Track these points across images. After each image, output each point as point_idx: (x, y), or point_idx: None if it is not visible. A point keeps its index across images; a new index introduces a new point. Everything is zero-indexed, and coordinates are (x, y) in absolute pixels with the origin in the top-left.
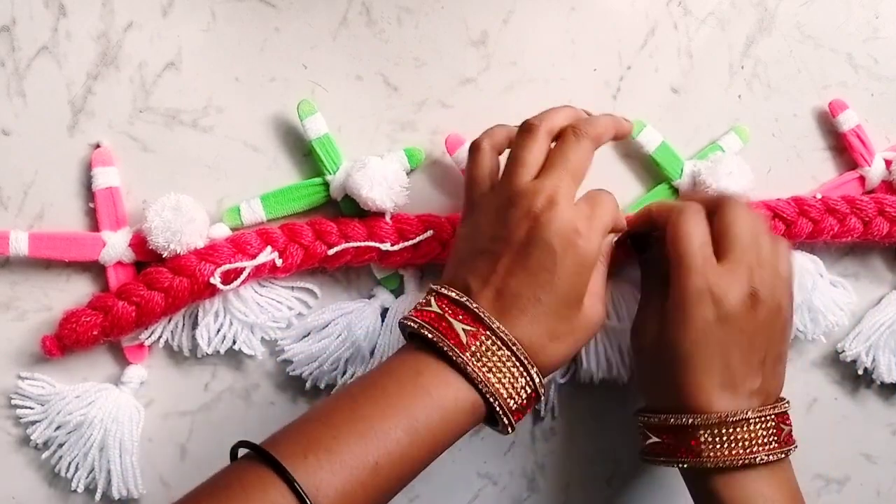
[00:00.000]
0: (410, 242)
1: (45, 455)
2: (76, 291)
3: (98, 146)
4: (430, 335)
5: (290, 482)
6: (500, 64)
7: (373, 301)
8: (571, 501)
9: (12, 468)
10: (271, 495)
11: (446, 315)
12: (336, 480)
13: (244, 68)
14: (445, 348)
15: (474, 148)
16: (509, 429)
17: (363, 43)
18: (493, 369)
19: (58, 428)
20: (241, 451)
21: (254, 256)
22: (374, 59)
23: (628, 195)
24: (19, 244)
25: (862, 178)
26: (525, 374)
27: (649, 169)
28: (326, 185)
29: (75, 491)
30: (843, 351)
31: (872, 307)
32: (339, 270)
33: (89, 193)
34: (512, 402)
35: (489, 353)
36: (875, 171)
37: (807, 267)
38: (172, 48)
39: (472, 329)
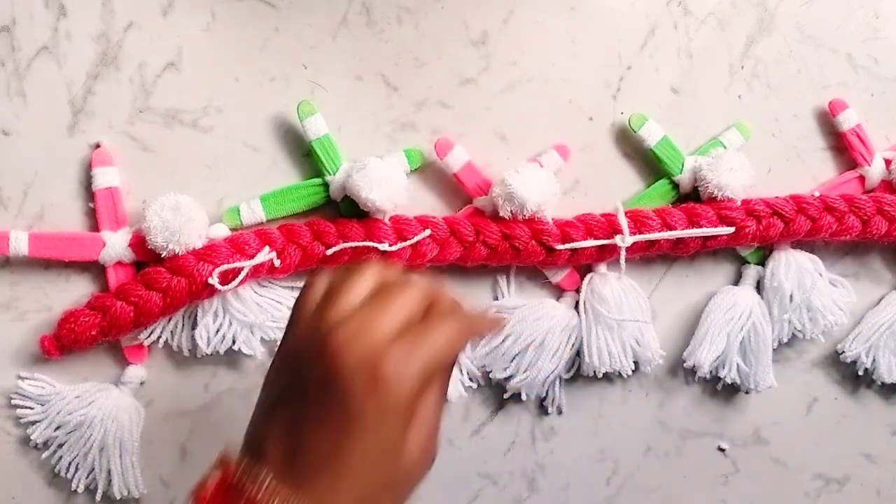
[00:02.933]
0: (408, 243)
1: (45, 455)
2: (76, 291)
3: (98, 146)
4: None
5: None
6: (500, 64)
7: None
8: (571, 501)
9: (12, 468)
10: None
11: (230, 487)
12: None
13: (244, 68)
14: None
15: (309, 276)
16: None
17: (363, 43)
18: None
19: (58, 428)
20: None
21: (252, 257)
22: (374, 59)
23: (628, 191)
24: (19, 244)
25: (862, 178)
26: None
27: (650, 164)
28: (326, 185)
29: (75, 491)
30: (844, 351)
31: (872, 307)
32: None
33: (89, 193)
34: None
35: None
36: (875, 171)
37: (806, 266)
38: (172, 48)
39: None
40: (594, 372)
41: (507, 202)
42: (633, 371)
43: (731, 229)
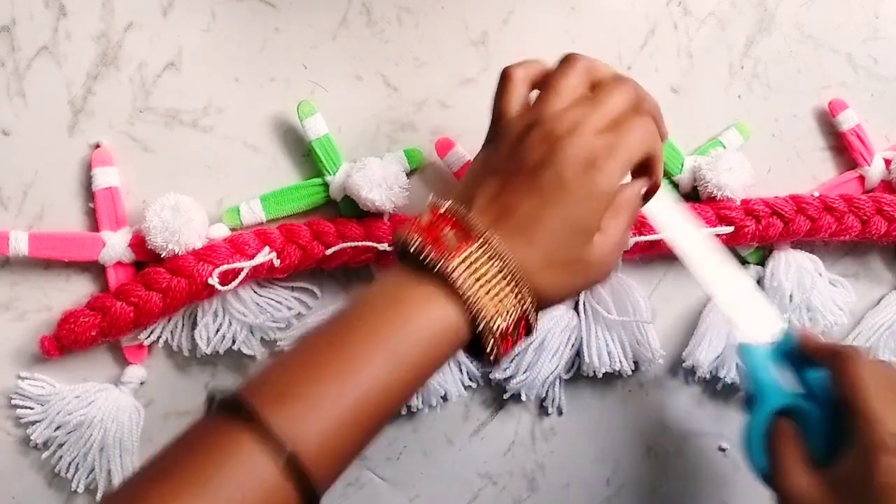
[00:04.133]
0: None
1: (45, 455)
2: (76, 291)
3: (98, 146)
4: (414, 244)
5: (265, 433)
6: (500, 64)
7: None
8: (571, 501)
9: (12, 468)
10: (246, 450)
11: (438, 225)
12: (315, 426)
13: (244, 68)
14: (431, 255)
15: (506, 76)
16: (493, 356)
17: (363, 43)
18: (481, 279)
19: (58, 428)
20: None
21: (251, 257)
22: (374, 59)
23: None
24: (19, 244)
25: (861, 178)
26: (517, 293)
27: None
28: (326, 185)
29: (75, 491)
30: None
31: (872, 307)
32: (339, 271)
33: (89, 193)
34: (500, 320)
35: (477, 264)
36: (874, 171)
37: (805, 266)
38: (172, 48)
39: (462, 235)
40: (594, 372)
41: None
42: (633, 371)
43: (731, 229)
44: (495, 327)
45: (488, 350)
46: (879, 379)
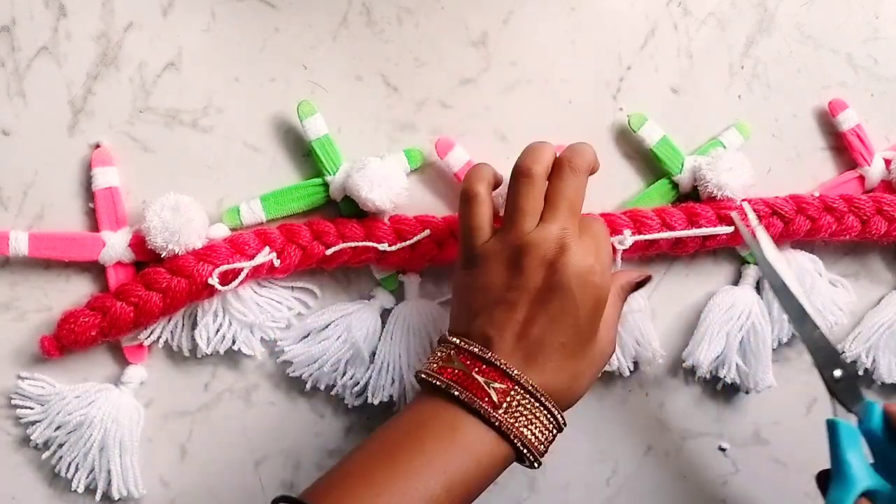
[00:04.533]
0: (408, 243)
1: (45, 455)
2: (76, 291)
3: (98, 146)
4: (461, 396)
5: None
6: (500, 64)
7: (373, 302)
8: (571, 501)
9: (12, 468)
10: None
11: (472, 373)
12: None
13: (244, 68)
14: (480, 409)
15: (470, 197)
16: (537, 465)
17: (363, 43)
18: (524, 422)
19: (58, 428)
20: None
21: (252, 257)
22: (374, 59)
23: (628, 191)
24: (19, 244)
25: (861, 178)
26: (552, 420)
27: (650, 164)
28: (326, 185)
29: (75, 491)
30: (844, 351)
31: (872, 307)
32: (339, 271)
33: (89, 193)
34: (541, 446)
35: (520, 408)
36: (875, 171)
37: (806, 266)
38: (172, 48)
39: (502, 386)
40: None
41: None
42: (632, 371)
43: (731, 229)
44: (537, 451)
45: (533, 465)
46: None
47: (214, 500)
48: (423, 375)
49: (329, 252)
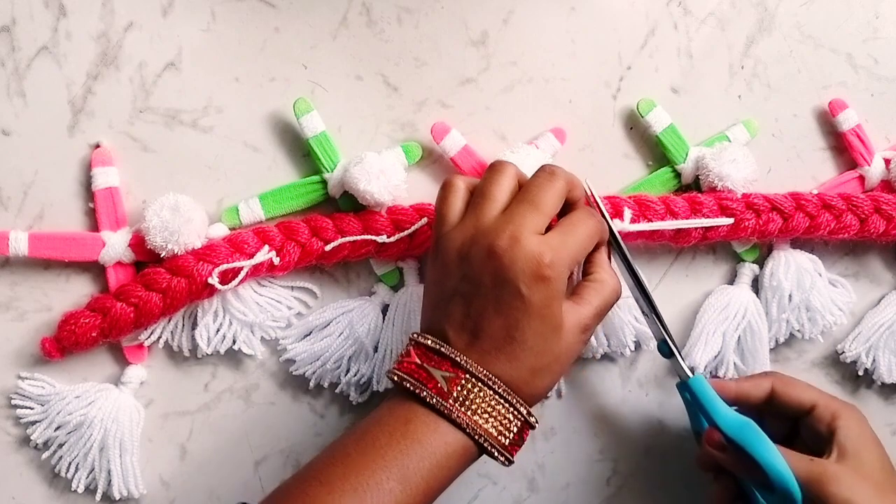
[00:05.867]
0: (406, 232)
1: (45, 455)
2: (76, 292)
3: (98, 146)
4: (410, 387)
5: None
6: (500, 64)
7: (374, 298)
8: (571, 501)
9: (12, 468)
10: None
11: (425, 364)
12: None
13: (244, 68)
14: (428, 398)
15: (445, 185)
16: (506, 463)
17: (363, 43)
18: (479, 411)
19: (58, 428)
20: None
21: (251, 256)
22: (374, 59)
23: (630, 177)
24: (19, 244)
25: (861, 178)
26: (512, 409)
27: (650, 164)
28: (324, 183)
29: (75, 491)
30: (844, 352)
31: (872, 308)
32: (338, 270)
33: (89, 193)
34: (503, 438)
35: (472, 397)
36: (874, 171)
37: (805, 266)
38: (172, 48)
39: (452, 375)
40: (592, 355)
41: None
42: (633, 349)
43: (731, 220)
44: (499, 444)
45: (500, 461)
46: None
47: (214, 500)
48: (386, 373)
49: (328, 248)
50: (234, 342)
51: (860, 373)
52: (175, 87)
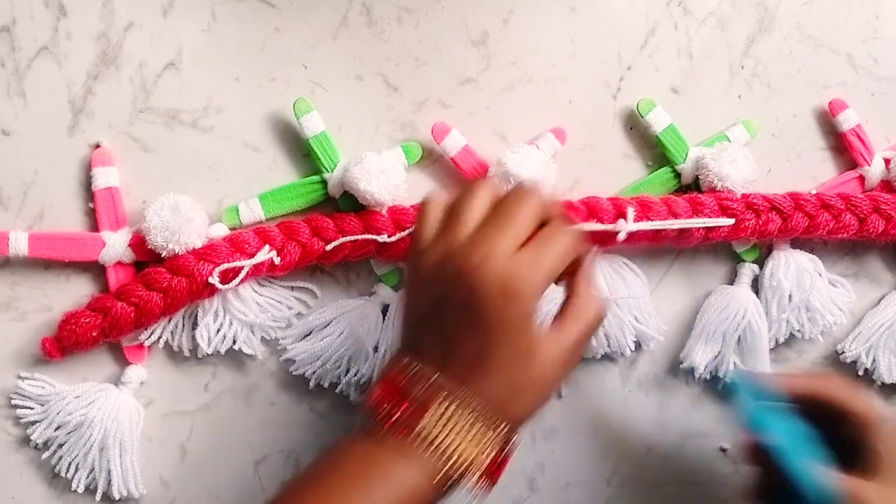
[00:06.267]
0: (407, 232)
1: (45, 455)
2: (76, 292)
3: (98, 146)
4: (381, 411)
5: None
6: (500, 64)
7: (374, 298)
8: (571, 501)
9: (12, 468)
10: None
11: (399, 386)
12: None
13: (244, 68)
14: (399, 421)
15: (422, 204)
16: (487, 486)
17: (363, 43)
18: (454, 430)
19: (58, 428)
20: None
21: (252, 255)
22: (374, 59)
23: (630, 177)
24: (19, 244)
25: (861, 178)
26: (491, 428)
27: (650, 164)
28: (324, 182)
29: (75, 491)
30: (844, 352)
31: (872, 307)
32: (339, 270)
33: (89, 193)
34: (484, 456)
35: (447, 416)
36: (874, 171)
37: (805, 266)
38: (172, 48)
39: (428, 395)
40: (593, 355)
41: (503, 182)
42: (633, 349)
43: (732, 221)
44: (479, 465)
45: (480, 483)
46: None
47: (214, 500)
48: (358, 406)
49: (329, 247)
50: (234, 342)
51: (860, 373)
52: (175, 87)
